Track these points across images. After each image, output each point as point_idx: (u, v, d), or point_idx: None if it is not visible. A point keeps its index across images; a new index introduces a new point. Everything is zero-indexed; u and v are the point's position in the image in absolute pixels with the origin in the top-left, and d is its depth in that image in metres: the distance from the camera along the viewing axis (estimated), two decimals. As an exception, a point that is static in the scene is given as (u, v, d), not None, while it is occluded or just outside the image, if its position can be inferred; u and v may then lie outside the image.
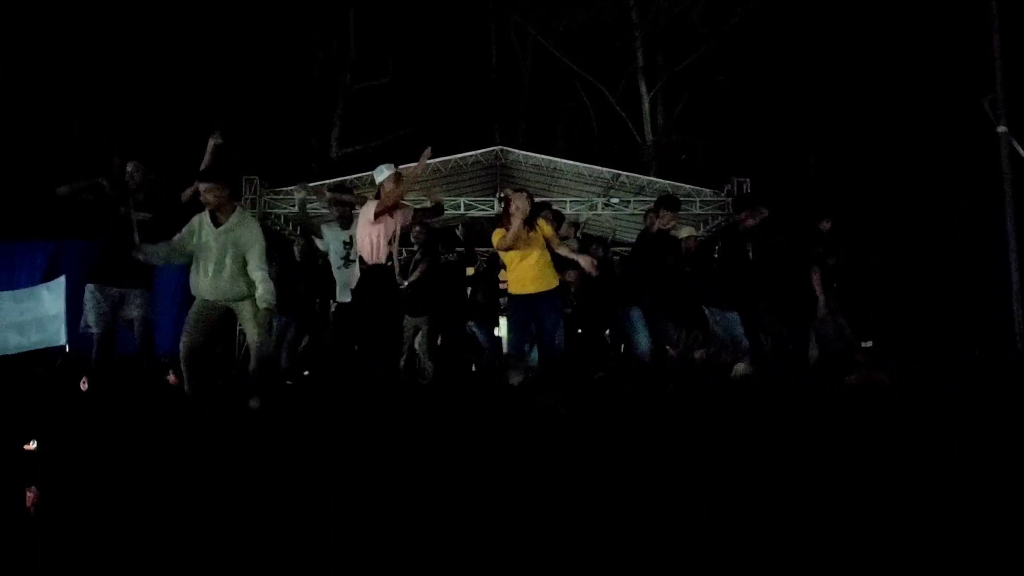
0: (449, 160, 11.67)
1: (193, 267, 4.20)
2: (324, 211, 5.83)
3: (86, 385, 4.40)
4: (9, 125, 14.24)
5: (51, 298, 7.23)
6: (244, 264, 4.12)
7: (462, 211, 11.61)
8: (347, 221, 5.23)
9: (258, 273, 4.10)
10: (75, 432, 3.44)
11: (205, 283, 4.12)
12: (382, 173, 4.59)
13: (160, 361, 6.30)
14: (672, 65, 17.58)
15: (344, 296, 5.13)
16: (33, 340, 7.20)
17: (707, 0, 16.41)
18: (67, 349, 7.17)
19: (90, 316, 4.40)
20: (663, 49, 17.71)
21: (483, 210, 11.77)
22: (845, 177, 12.54)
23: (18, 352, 7.24)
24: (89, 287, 4.44)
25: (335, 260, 5.20)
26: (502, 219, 4.55)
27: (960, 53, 10.98)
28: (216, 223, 4.11)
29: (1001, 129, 6.71)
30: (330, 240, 5.26)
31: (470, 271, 6.67)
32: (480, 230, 6.73)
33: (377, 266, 4.52)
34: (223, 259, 4.07)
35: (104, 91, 14.86)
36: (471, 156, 11.80)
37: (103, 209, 4.51)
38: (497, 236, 4.48)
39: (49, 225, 12.05)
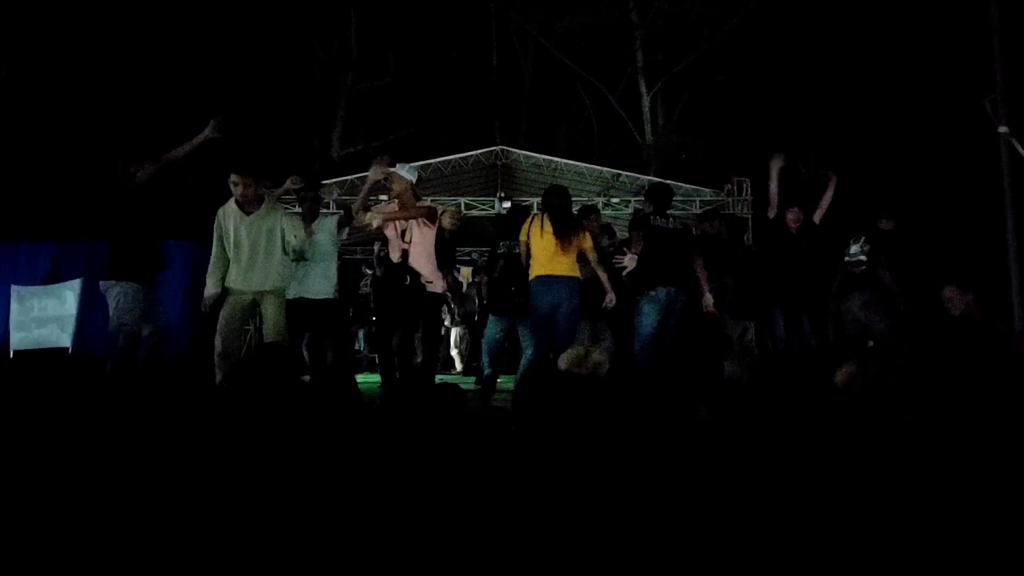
0: (449, 160, 11.68)
1: (230, 258, 4.30)
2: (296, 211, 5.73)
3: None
4: (10, 125, 14.24)
5: (71, 299, 7.26)
6: (277, 252, 4.21)
7: (463, 211, 11.62)
8: (312, 217, 5.08)
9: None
10: (89, 432, 3.45)
11: (239, 274, 4.20)
12: (411, 172, 4.84)
13: (162, 360, 6.33)
14: (672, 65, 17.58)
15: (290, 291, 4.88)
16: (44, 338, 7.23)
17: (707, 0, 16.42)
18: (70, 350, 7.18)
19: (131, 314, 4.25)
20: (663, 49, 17.71)
21: (483, 210, 11.77)
22: (845, 177, 12.52)
23: (30, 348, 7.26)
24: (129, 285, 4.28)
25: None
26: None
27: (961, 53, 10.99)
28: (246, 213, 4.19)
29: (1002, 130, 6.70)
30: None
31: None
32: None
33: (395, 264, 4.76)
34: (257, 248, 4.18)
35: (105, 91, 14.87)
36: (471, 156, 11.81)
37: (125, 207, 4.47)
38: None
39: (52, 225, 12.05)
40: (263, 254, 4.21)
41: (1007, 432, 3.33)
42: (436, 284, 4.83)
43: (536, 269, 4.53)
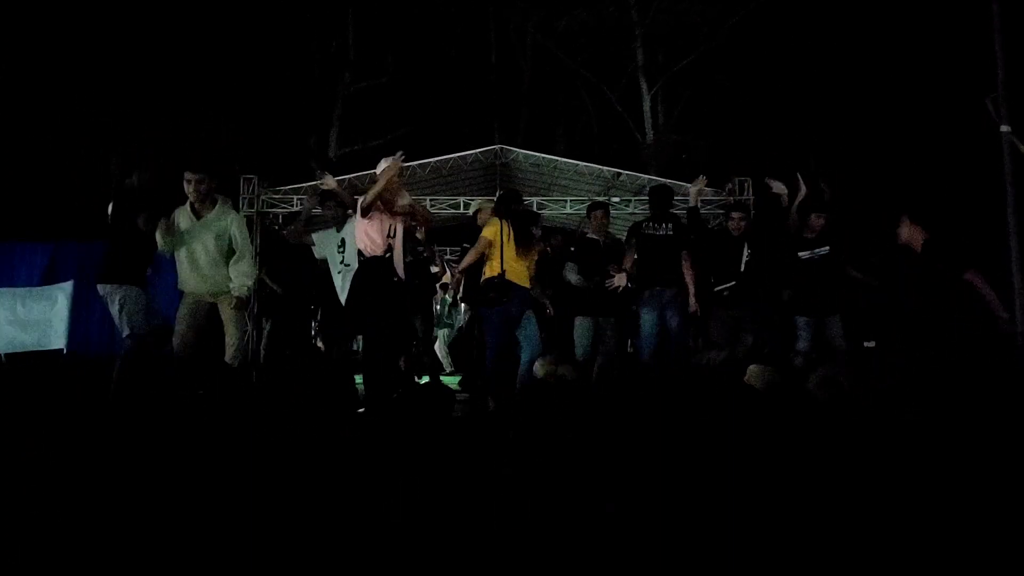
0: (449, 159, 11.65)
1: (178, 261, 4.28)
2: (317, 213, 5.66)
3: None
4: (9, 125, 14.22)
5: (62, 301, 7.23)
6: (226, 255, 4.19)
7: (462, 210, 11.59)
8: (341, 223, 5.05)
9: (240, 263, 4.19)
10: (81, 432, 3.42)
11: (188, 275, 4.23)
12: (381, 165, 4.57)
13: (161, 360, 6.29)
14: (672, 64, 17.56)
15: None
16: (35, 341, 7.19)
17: (707, -1, 16.42)
18: (64, 352, 7.14)
19: (141, 315, 4.25)
20: (663, 48, 17.69)
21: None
22: (845, 177, 12.54)
23: (19, 351, 7.22)
24: (132, 288, 4.28)
25: (334, 266, 5.02)
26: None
27: (962, 52, 10.96)
28: (197, 216, 4.18)
29: (1004, 128, 6.68)
30: (325, 245, 5.07)
31: (435, 269, 6.58)
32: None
33: (374, 258, 4.49)
34: (204, 250, 4.17)
35: (104, 91, 14.84)
36: (471, 155, 11.78)
37: (124, 210, 4.44)
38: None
39: (49, 226, 12.03)
40: (211, 257, 4.20)
41: (1007, 432, 3.31)
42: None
43: (496, 271, 4.59)
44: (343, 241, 5.00)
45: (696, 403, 4.67)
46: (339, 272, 4.99)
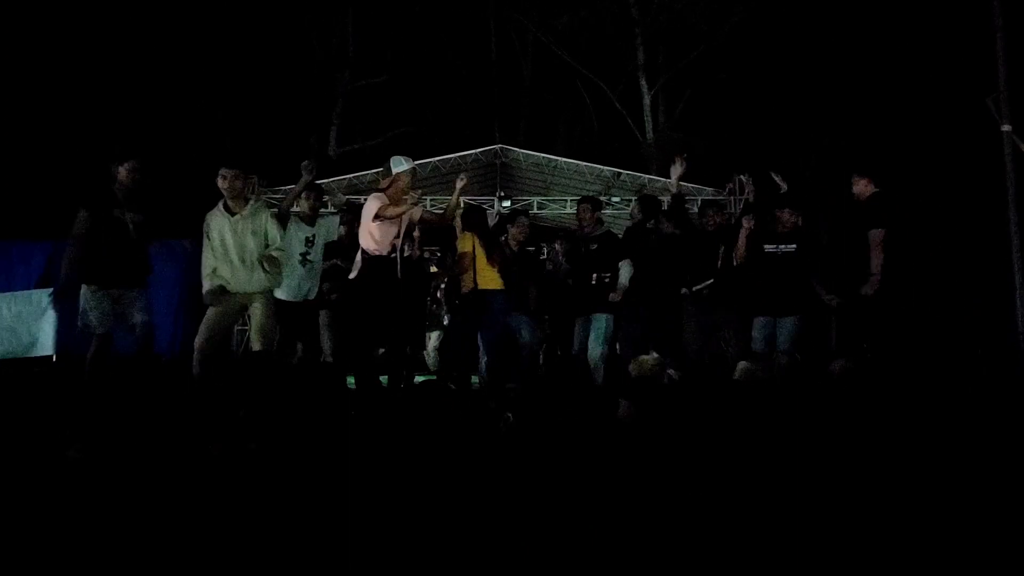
0: (449, 159, 11.64)
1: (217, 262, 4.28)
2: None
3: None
4: (9, 125, 14.19)
5: (48, 307, 7.17)
6: (262, 255, 4.22)
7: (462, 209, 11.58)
8: (313, 219, 4.98)
9: (277, 248, 4.31)
10: (77, 435, 3.40)
11: (228, 275, 4.21)
12: (400, 164, 4.55)
13: (161, 360, 6.27)
14: (673, 63, 17.53)
15: (286, 293, 4.78)
16: (24, 347, 7.14)
17: (708, -2, 16.38)
18: (54, 358, 7.10)
19: (91, 316, 4.33)
20: (664, 47, 17.66)
21: (483, 209, 11.74)
22: (846, 176, 12.49)
23: (9, 358, 7.16)
24: (89, 288, 4.35)
25: (291, 258, 4.83)
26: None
27: (964, 51, 10.94)
28: (231, 213, 4.20)
29: (1005, 128, 6.67)
30: (291, 236, 4.87)
31: (433, 269, 6.67)
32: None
33: (379, 257, 4.50)
34: (242, 248, 4.19)
35: (104, 90, 14.82)
36: (471, 154, 11.77)
37: (97, 210, 4.48)
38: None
39: (46, 226, 12.00)
40: (249, 256, 4.21)
41: (1007, 434, 3.30)
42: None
43: (481, 282, 5.06)
44: (313, 236, 4.93)
45: (686, 403, 4.66)
46: (297, 264, 4.86)
